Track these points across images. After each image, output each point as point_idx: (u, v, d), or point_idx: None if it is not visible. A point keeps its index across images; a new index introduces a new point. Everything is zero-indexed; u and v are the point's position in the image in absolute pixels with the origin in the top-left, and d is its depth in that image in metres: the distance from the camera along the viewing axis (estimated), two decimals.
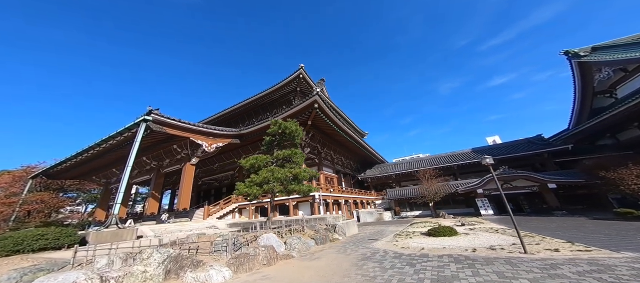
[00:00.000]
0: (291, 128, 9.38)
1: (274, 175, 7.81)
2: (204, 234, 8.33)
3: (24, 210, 19.34)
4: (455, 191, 18.06)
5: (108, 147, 16.14)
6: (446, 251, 6.04)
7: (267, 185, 7.99)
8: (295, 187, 8.41)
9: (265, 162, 8.71)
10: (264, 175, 7.91)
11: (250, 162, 8.61)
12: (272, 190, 8.08)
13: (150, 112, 13.02)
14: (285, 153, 9.02)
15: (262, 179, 8.00)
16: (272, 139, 10.24)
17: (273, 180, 7.87)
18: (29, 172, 21.19)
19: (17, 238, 7.09)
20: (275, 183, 7.88)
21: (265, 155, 9.05)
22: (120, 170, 21.90)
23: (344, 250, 6.89)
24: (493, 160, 19.60)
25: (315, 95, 16.22)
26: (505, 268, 4.21)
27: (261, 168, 8.80)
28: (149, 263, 3.98)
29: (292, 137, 9.63)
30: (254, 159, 8.67)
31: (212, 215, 18.79)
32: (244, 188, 7.92)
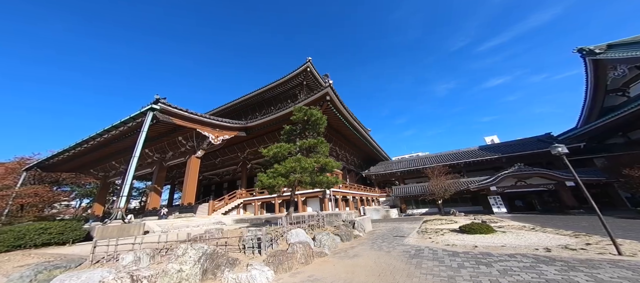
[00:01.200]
0: (317, 115, 8.76)
1: (301, 164, 7.25)
2: (223, 229, 7.78)
3: (17, 203, 18.34)
4: (465, 188, 17.87)
5: (110, 138, 15.32)
6: (508, 250, 5.44)
7: (293, 176, 7.45)
8: (323, 179, 7.88)
9: (289, 151, 8.12)
10: (291, 165, 7.35)
11: (273, 151, 8.03)
12: (299, 181, 7.53)
13: (157, 100, 12.28)
14: (310, 143, 8.43)
15: (288, 169, 7.45)
16: (293, 128, 9.65)
17: (300, 171, 7.32)
18: (23, 164, 20.12)
19: (18, 232, 6.43)
20: (303, 174, 7.34)
21: (289, 144, 8.45)
22: (120, 162, 21.03)
23: (378, 247, 6.45)
24: (504, 158, 19.25)
25: (327, 88, 15.67)
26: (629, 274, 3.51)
27: (285, 158, 8.23)
28: (184, 261, 3.45)
29: (317, 126, 9.05)
30: (277, 148, 8.08)
31: (217, 210, 18.20)
32: (267, 180, 7.36)
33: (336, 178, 8.37)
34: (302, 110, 8.89)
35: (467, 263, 4.51)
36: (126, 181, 10.42)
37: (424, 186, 22.53)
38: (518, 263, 4.41)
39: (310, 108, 9.11)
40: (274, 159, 8.39)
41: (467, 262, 4.60)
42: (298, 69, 24.62)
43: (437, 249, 5.78)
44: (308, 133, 9.55)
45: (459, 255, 5.07)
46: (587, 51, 17.05)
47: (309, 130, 9.32)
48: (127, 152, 19.64)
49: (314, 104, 16.69)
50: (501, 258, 4.80)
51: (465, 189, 18.28)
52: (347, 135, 23.65)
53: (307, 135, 9.58)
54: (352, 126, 20.73)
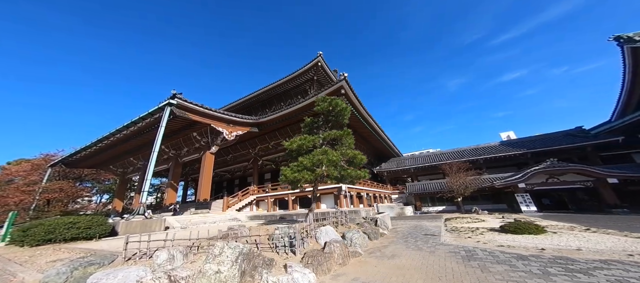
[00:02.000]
0: (341, 105, 8.26)
1: (328, 157, 6.84)
2: (245, 226, 7.59)
3: (44, 198, 19.22)
4: (489, 186, 16.94)
5: (129, 134, 15.57)
6: (590, 255, 4.64)
7: (319, 169, 7.06)
8: (351, 173, 7.43)
9: (314, 143, 7.71)
10: (317, 157, 6.96)
11: (297, 143, 7.64)
12: (324, 175, 7.13)
13: (174, 96, 12.24)
14: (336, 134, 7.96)
15: (315, 162, 7.06)
16: (314, 120, 9.21)
17: (327, 164, 6.91)
18: (48, 160, 21.01)
19: (49, 226, 6.48)
20: (330, 167, 6.93)
21: (313, 136, 8.04)
22: (137, 159, 21.54)
23: (415, 247, 5.96)
24: (529, 153, 18.08)
25: (342, 81, 15.14)
26: None
27: (310, 150, 7.85)
28: (221, 262, 3.17)
29: (341, 117, 8.56)
30: (301, 139, 7.68)
31: (231, 206, 18.28)
32: (291, 174, 7.01)
33: (365, 172, 7.91)
34: (326, 100, 8.40)
35: (552, 268, 3.86)
36: (147, 176, 10.47)
37: (440, 183, 21.69)
38: (627, 273, 3.65)
39: (334, 98, 8.62)
40: (297, 152, 8.03)
41: (550, 267, 3.93)
42: (309, 64, 24.14)
43: (493, 250, 5.19)
44: (331, 124, 9.08)
45: (527, 258, 4.45)
46: (626, 39, 15.48)
47: (332, 122, 8.83)
48: (144, 148, 20.06)
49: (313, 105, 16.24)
50: (593, 265, 4.03)
51: (488, 186, 17.33)
52: (360, 131, 23.05)
53: (329, 127, 9.13)
54: (366, 121, 20.14)
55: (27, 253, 5.61)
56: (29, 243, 6.15)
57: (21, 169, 20.53)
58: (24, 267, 4.34)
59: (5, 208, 17.55)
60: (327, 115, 8.59)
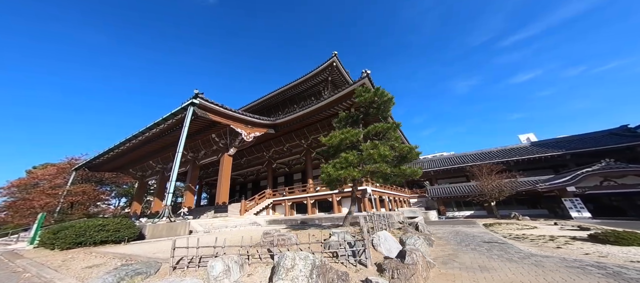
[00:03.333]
0: (387, 96, 7.54)
1: (379, 152, 6.11)
2: (280, 231, 6.98)
3: (68, 201, 19.66)
4: (530, 189, 15.45)
5: (150, 136, 15.61)
6: None
7: (369, 166, 6.34)
8: (406, 170, 6.61)
9: (357, 137, 7.00)
10: (368, 151, 6.24)
11: (338, 138, 6.94)
12: (378, 172, 6.37)
13: (197, 95, 12.09)
14: (382, 127, 7.22)
15: (364, 158, 6.33)
16: (349, 114, 8.51)
17: (378, 159, 6.17)
18: (73, 164, 21.60)
19: (79, 229, 6.16)
20: (382, 163, 6.19)
21: (356, 130, 7.33)
22: (156, 162, 21.73)
23: (499, 256, 4.90)
24: (568, 155, 16.46)
25: (365, 78, 14.49)
26: None
27: (354, 146, 7.15)
28: (295, 278, 2.54)
29: (384, 109, 7.84)
30: (344, 133, 7.00)
31: (248, 210, 17.83)
32: (335, 172, 6.30)
33: (420, 169, 7.08)
34: (369, 90, 7.68)
35: None
36: (171, 178, 10.19)
37: (468, 186, 20.31)
38: None
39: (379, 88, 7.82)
40: (336, 149, 7.37)
41: None
42: (323, 64, 23.77)
43: (626, 266, 4.13)
44: (371, 118, 8.31)
45: None
46: None
47: (372, 115, 8.07)
48: (163, 151, 20.21)
49: (346, 98, 15.62)
50: None
51: (526, 190, 15.83)
52: None
53: (370, 121, 8.35)
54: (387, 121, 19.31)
55: (59, 257, 5.25)
56: (60, 246, 5.83)
57: (47, 173, 21.21)
58: (60, 272, 3.93)
59: (31, 211, 18.04)
60: (368, 108, 7.85)
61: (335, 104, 15.24)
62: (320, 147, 22.72)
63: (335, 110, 16.50)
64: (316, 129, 19.67)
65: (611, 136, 17.39)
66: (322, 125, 19.16)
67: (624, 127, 17.81)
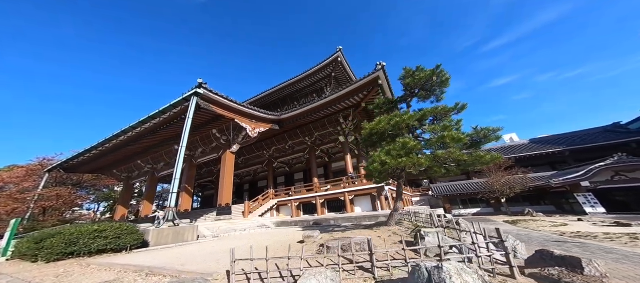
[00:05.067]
0: (446, 75, 6.72)
1: (452, 135, 5.31)
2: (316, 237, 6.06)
3: (39, 206, 17.16)
4: (544, 185, 15.64)
5: (141, 132, 13.97)
6: None
7: (441, 151, 5.50)
8: (484, 156, 5.44)
9: (412, 121, 6.14)
10: (441, 133, 5.36)
11: (393, 120, 5.97)
12: (448, 159, 5.54)
13: (200, 85, 10.86)
14: (445, 109, 6.16)
15: (434, 142, 5.46)
16: (389, 100, 7.72)
17: (451, 143, 5.41)
18: (45, 165, 18.99)
19: (70, 236, 4.92)
20: (456, 149, 5.39)
21: (412, 112, 6.46)
22: (146, 162, 19.71)
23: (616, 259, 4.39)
24: (567, 151, 16.95)
25: (379, 70, 13.96)
26: None
27: (409, 130, 6.31)
28: None
29: (439, 91, 7.01)
30: (396, 116, 6.11)
31: (252, 212, 16.59)
32: (392, 160, 5.31)
33: (498, 155, 6.07)
34: (423, 69, 6.78)
35: None
36: (175, 176, 8.92)
37: (474, 183, 20.52)
38: None
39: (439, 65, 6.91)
40: (379, 136, 6.57)
41: None
42: (327, 59, 23.09)
43: None
44: (418, 101, 7.44)
45: None
46: None
47: (421, 97, 7.20)
48: (154, 149, 18.33)
49: (358, 91, 15.04)
50: None
51: (535, 186, 16.06)
52: None
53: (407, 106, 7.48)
54: None
55: (46, 271, 4.04)
56: (45, 258, 4.56)
57: (14, 175, 18.44)
58: None
59: None
60: (414, 87, 7.00)
61: (353, 94, 14.52)
62: (325, 144, 21.96)
63: (348, 104, 15.86)
64: (323, 125, 18.91)
65: (605, 133, 18.40)
66: (329, 121, 18.44)
67: (616, 124, 18.96)
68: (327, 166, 23.20)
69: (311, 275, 2.10)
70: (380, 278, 2.68)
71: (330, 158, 23.28)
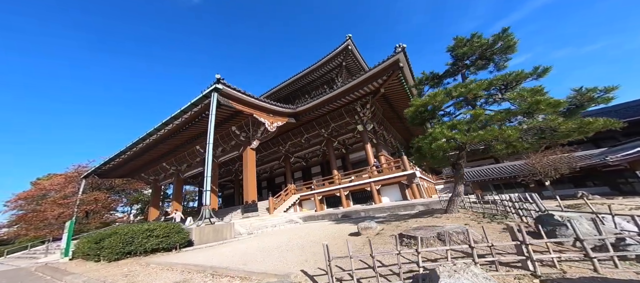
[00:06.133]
0: (513, 40, 6.03)
1: (548, 100, 4.40)
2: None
3: (82, 210, 18.50)
4: (599, 163, 14.17)
5: (164, 134, 14.31)
6: None
7: (533, 121, 4.70)
8: (595, 122, 4.51)
9: (479, 92, 5.34)
10: (534, 98, 4.50)
11: (457, 91, 4.99)
12: (544, 129, 4.81)
13: (219, 80, 10.73)
14: (519, 75, 5.25)
15: (524, 108, 4.63)
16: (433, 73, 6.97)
17: (548, 109, 4.42)
18: (81, 172, 20.27)
19: (126, 236, 4.99)
20: (555, 116, 4.52)
21: (477, 82, 5.65)
22: (170, 163, 20.44)
23: None
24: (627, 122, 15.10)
25: (400, 53, 13.08)
26: None
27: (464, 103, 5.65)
28: None
29: (502, 59, 6.21)
30: (458, 88, 5.35)
31: (277, 208, 16.74)
32: (464, 137, 4.59)
33: (615, 120, 5.18)
34: (480, 36, 6.01)
35: None
36: (206, 173, 8.98)
37: (507, 166, 19.30)
38: None
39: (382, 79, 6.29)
40: (430, 113, 5.90)
41: None
42: (337, 49, 22.26)
43: None
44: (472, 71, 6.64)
45: None
46: None
47: (478, 67, 6.41)
48: (177, 151, 18.89)
49: (378, 76, 14.25)
50: None
51: (589, 165, 14.55)
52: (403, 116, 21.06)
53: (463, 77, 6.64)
54: None
55: (113, 271, 4.09)
56: (107, 258, 4.69)
57: (55, 183, 19.91)
58: None
59: (44, 222, 16.87)
60: (469, 57, 6.21)
61: (373, 80, 13.82)
62: (342, 135, 21.49)
63: (366, 91, 15.18)
64: (340, 115, 18.41)
65: None
66: (346, 111, 17.89)
67: None
68: (344, 158, 22.85)
69: (455, 273, 1.74)
70: (546, 277, 2.28)
71: (348, 149, 22.85)
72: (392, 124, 24.95)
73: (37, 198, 19.32)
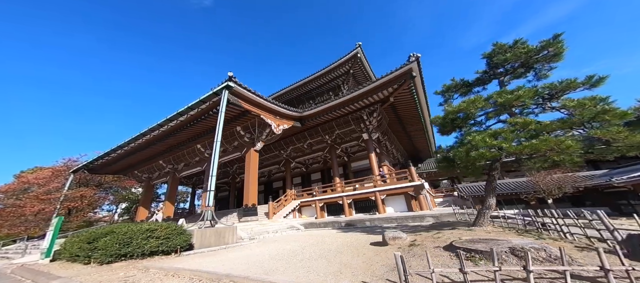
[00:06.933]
0: (563, 48, 5.65)
1: (615, 111, 4.16)
2: None
3: (65, 207, 17.23)
4: (604, 184, 14.16)
5: (167, 130, 13.71)
6: None
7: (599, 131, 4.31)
8: None
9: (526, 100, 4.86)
10: (595, 106, 4.26)
11: (503, 98, 4.91)
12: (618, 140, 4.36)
13: (230, 78, 10.41)
14: (572, 84, 5.04)
15: (584, 116, 4.37)
16: (462, 81, 6.71)
17: (612, 119, 4.19)
18: (71, 166, 19.13)
19: (123, 237, 4.40)
20: (623, 129, 4.18)
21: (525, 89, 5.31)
22: (168, 161, 19.56)
23: None
24: None
25: (413, 62, 13.12)
26: None
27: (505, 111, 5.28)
28: None
29: (546, 67, 5.76)
30: (503, 95, 4.93)
31: (276, 213, 15.97)
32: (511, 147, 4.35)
33: None
34: (524, 44, 5.75)
35: None
36: (211, 172, 8.43)
37: (510, 182, 19.18)
38: None
39: (392, 87, 6.12)
40: (462, 120, 5.65)
41: None
42: (347, 56, 22.46)
43: None
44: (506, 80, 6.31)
45: None
46: None
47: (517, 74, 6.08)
48: (176, 149, 18.13)
49: (390, 84, 14.19)
50: None
51: (594, 185, 14.54)
52: (410, 126, 21.03)
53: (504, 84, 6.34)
54: (424, 117, 18.06)
55: (107, 276, 3.49)
56: (99, 260, 4.06)
57: (40, 176, 18.66)
58: None
59: (22, 219, 15.57)
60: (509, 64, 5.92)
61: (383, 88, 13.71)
62: (345, 143, 21.18)
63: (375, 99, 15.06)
64: (346, 122, 18.17)
65: None
66: (353, 118, 17.70)
67: None
68: (346, 166, 22.45)
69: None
70: None
71: (350, 157, 22.50)
72: (395, 134, 24.90)
73: (18, 193, 18.02)
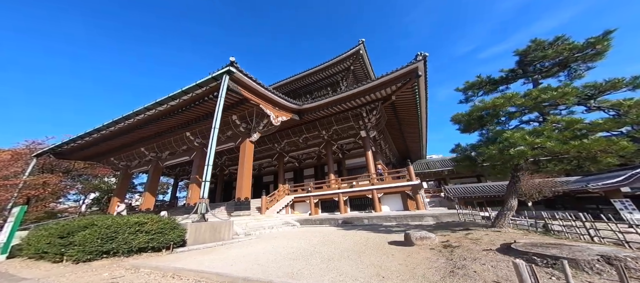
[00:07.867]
0: (607, 47, 5.11)
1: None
2: None
3: (24, 195, 15.07)
4: (580, 189, 15.25)
5: (153, 115, 12.41)
6: None
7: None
8: None
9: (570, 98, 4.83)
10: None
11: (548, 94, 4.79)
12: None
13: (232, 63, 9.57)
14: (616, 82, 4.91)
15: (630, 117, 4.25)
16: (489, 78, 6.47)
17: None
18: (34, 149, 16.81)
19: (106, 231, 3.65)
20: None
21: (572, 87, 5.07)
22: (151, 149, 17.92)
23: None
24: None
25: (420, 62, 13.00)
26: None
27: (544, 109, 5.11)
28: None
29: (573, 67, 5.66)
30: (548, 91, 4.82)
31: (268, 209, 15.31)
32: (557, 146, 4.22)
33: None
34: (567, 40, 5.43)
35: None
36: (208, 162, 7.67)
37: (493, 185, 20.15)
38: None
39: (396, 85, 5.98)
40: (488, 119, 5.43)
41: None
42: (349, 51, 22.10)
43: None
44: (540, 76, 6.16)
45: None
46: None
47: (545, 75, 6.04)
48: (162, 136, 16.57)
49: (392, 82, 14.04)
50: None
51: (572, 190, 15.65)
52: (408, 127, 21.26)
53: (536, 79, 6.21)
54: (422, 120, 18.30)
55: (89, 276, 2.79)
56: (75, 257, 3.30)
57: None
58: None
59: None
60: (545, 61, 5.81)
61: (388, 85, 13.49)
62: (342, 139, 20.90)
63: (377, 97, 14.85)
64: (346, 118, 17.89)
65: None
66: (353, 115, 17.44)
67: None
68: (340, 163, 22.24)
69: None
70: None
71: (345, 155, 22.31)
72: (390, 134, 25.13)
73: None
